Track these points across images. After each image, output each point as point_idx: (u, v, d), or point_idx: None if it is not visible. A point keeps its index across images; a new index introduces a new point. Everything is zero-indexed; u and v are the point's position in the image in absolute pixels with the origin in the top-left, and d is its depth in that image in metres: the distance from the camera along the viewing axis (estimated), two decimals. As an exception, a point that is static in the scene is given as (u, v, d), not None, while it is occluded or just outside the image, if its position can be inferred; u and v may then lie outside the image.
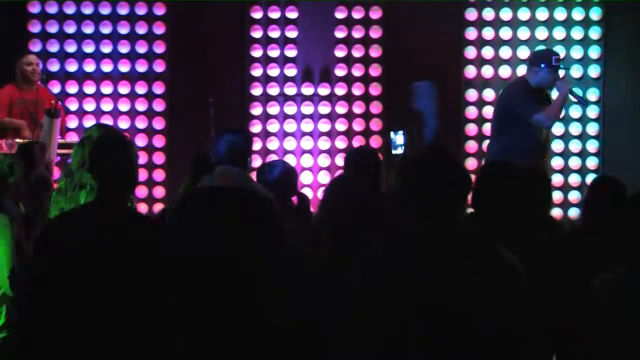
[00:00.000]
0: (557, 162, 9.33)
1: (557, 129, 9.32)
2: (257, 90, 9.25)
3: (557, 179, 9.19)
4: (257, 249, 3.78)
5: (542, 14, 9.34)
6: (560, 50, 8.85)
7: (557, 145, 9.34)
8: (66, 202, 4.96)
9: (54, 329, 3.49)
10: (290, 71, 9.27)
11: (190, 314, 3.61)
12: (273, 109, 9.27)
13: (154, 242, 3.45)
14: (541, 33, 9.32)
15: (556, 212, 9.09)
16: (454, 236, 3.01)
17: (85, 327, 3.46)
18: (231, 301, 3.68)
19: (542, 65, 7.05)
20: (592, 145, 9.37)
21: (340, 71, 9.27)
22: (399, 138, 5.23)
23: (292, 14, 9.28)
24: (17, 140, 7.61)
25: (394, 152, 5.17)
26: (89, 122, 8.89)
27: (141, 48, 9.20)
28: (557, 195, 9.18)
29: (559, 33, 9.32)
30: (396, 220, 3.10)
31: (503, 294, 2.93)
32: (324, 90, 9.26)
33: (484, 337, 2.91)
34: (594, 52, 9.35)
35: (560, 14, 9.34)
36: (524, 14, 9.34)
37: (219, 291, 3.69)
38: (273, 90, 9.26)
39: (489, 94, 9.31)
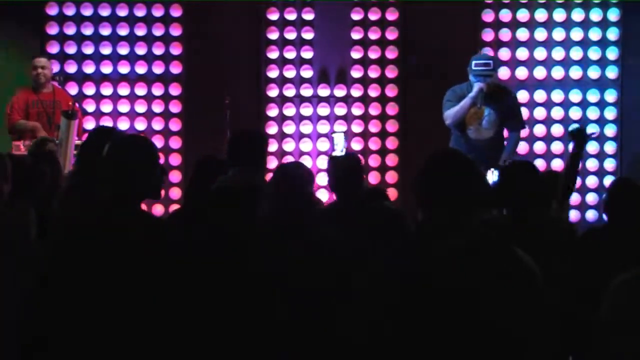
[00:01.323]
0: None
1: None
2: (273, 92, 9.26)
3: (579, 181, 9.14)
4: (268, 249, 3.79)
5: (559, 15, 9.29)
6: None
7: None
8: None
9: (58, 329, 3.50)
10: (307, 73, 9.27)
11: (195, 313, 3.63)
12: (289, 110, 9.27)
13: (161, 242, 3.45)
14: (558, 34, 9.28)
15: (574, 214, 9.05)
16: (471, 238, 3.01)
17: (92, 327, 3.47)
18: (235, 299, 3.70)
19: (468, 69, 7.61)
20: (610, 147, 9.32)
21: (356, 73, 9.26)
22: (339, 140, 5.19)
23: (309, 16, 9.28)
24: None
25: (334, 153, 5.13)
26: (105, 123, 8.91)
27: (158, 50, 9.23)
28: (574, 197, 9.13)
29: (576, 34, 9.27)
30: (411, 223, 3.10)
31: (520, 295, 2.92)
32: (340, 92, 9.26)
33: (501, 337, 2.90)
34: (612, 54, 9.30)
35: (578, 15, 9.29)
36: (541, 15, 9.30)
37: (227, 288, 3.72)
38: (289, 91, 9.27)
39: (506, 96, 9.27)
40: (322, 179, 9.06)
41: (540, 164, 9.22)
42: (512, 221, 4.67)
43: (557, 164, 9.16)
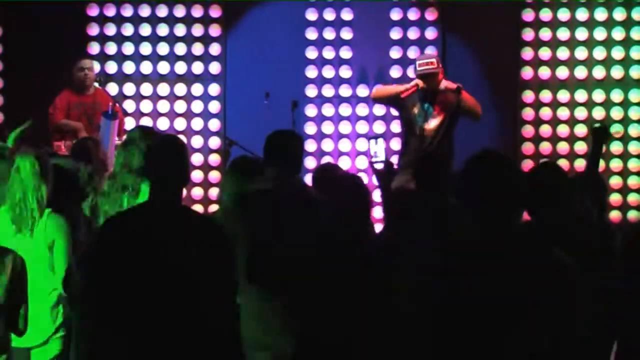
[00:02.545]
0: (615, 164, 9.18)
1: (616, 130, 9.15)
2: (312, 92, 9.27)
3: (615, 181, 9.06)
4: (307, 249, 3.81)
5: (600, 14, 9.19)
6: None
7: (616, 147, 9.18)
8: (109, 205, 5.00)
9: (110, 328, 3.54)
10: (346, 73, 9.27)
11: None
12: (328, 110, 9.27)
13: (210, 239, 3.48)
14: (599, 34, 9.18)
15: (615, 215, 8.96)
16: (514, 240, 3.00)
17: (141, 326, 3.50)
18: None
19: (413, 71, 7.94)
20: (653, 147, 9.22)
21: (395, 72, 9.24)
22: (378, 147, 5.10)
23: (348, 16, 9.28)
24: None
25: (373, 159, 5.04)
26: (146, 123, 8.97)
27: (197, 50, 9.28)
28: (615, 198, 9.06)
29: (617, 34, 9.17)
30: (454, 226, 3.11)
31: (564, 296, 2.93)
32: (379, 92, 9.24)
33: (546, 337, 2.91)
34: (654, 53, 9.20)
35: (619, 15, 9.19)
36: (581, 14, 9.21)
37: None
38: (328, 91, 9.27)
39: (546, 96, 9.21)
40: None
41: (580, 164, 9.13)
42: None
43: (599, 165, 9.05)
